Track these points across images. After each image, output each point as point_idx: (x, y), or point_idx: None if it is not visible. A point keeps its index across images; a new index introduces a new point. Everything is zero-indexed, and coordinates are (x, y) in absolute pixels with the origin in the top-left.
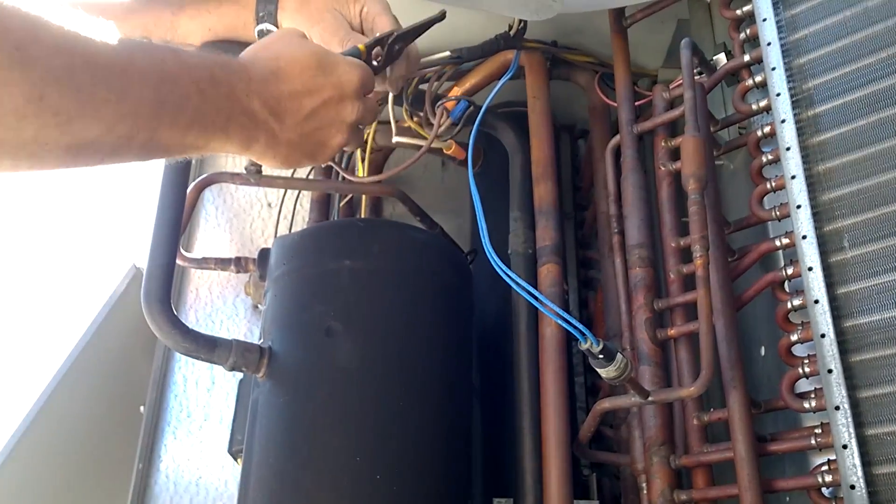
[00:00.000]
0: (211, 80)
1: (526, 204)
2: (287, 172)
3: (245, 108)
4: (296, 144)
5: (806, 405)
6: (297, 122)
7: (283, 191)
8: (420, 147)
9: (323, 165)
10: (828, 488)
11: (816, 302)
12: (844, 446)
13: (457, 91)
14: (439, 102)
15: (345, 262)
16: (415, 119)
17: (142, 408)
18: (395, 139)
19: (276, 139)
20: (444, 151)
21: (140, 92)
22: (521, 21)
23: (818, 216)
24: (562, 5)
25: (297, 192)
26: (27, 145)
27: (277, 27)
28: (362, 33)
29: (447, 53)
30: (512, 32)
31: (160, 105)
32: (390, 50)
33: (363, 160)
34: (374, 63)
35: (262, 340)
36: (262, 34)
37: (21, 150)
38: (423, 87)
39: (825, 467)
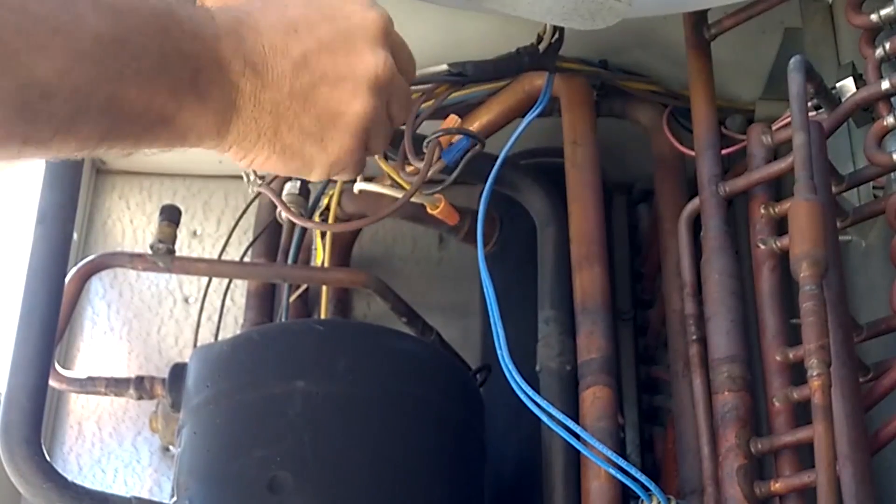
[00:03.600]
0: (170, 13)
1: (562, 299)
2: (210, 252)
3: (216, 56)
4: (285, 111)
5: None
6: (283, 75)
7: (205, 280)
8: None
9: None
10: None
11: None
12: None
13: (453, 121)
14: (428, 138)
15: (297, 384)
16: (391, 163)
17: None
18: (359, 186)
19: (257, 102)
20: (429, 210)
21: (95, 23)
22: (555, 31)
23: None
24: (629, 6)
25: (226, 281)
26: None
27: None
28: None
29: (444, 67)
30: (542, 47)
31: (121, 45)
32: None
33: (323, 234)
34: None
35: (175, 499)
36: None
37: None
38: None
39: None
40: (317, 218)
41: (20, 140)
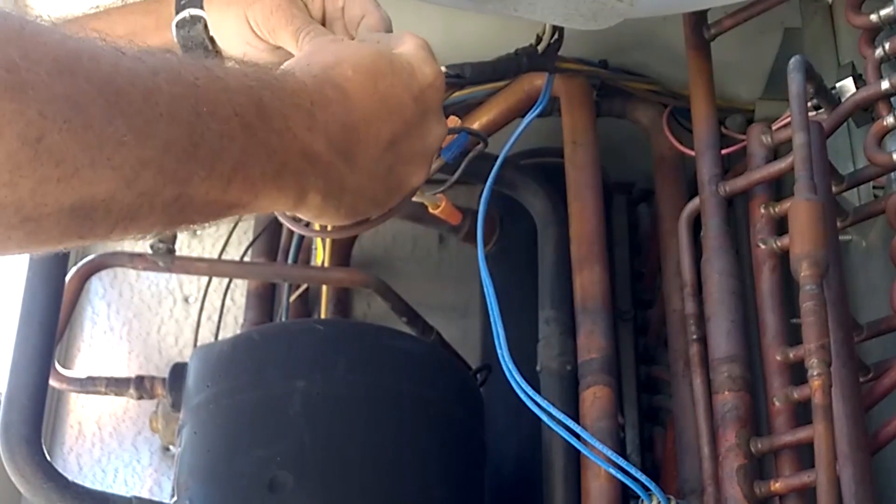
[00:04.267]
0: (259, 109)
1: (562, 299)
2: (210, 252)
3: (305, 148)
4: (365, 190)
5: None
6: (372, 161)
7: (205, 279)
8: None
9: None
10: None
11: None
12: None
13: (453, 122)
14: None
15: (297, 384)
16: None
17: None
18: None
19: (341, 187)
20: (431, 210)
21: (168, 129)
22: (554, 31)
23: None
24: (631, 6)
25: (226, 281)
26: (22, 207)
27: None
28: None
29: (442, 69)
30: (541, 48)
31: (194, 147)
32: None
33: None
34: None
35: (175, 498)
36: (185, 24)
37: (15, 215)
38: None
39: None
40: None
41: (77, 237)
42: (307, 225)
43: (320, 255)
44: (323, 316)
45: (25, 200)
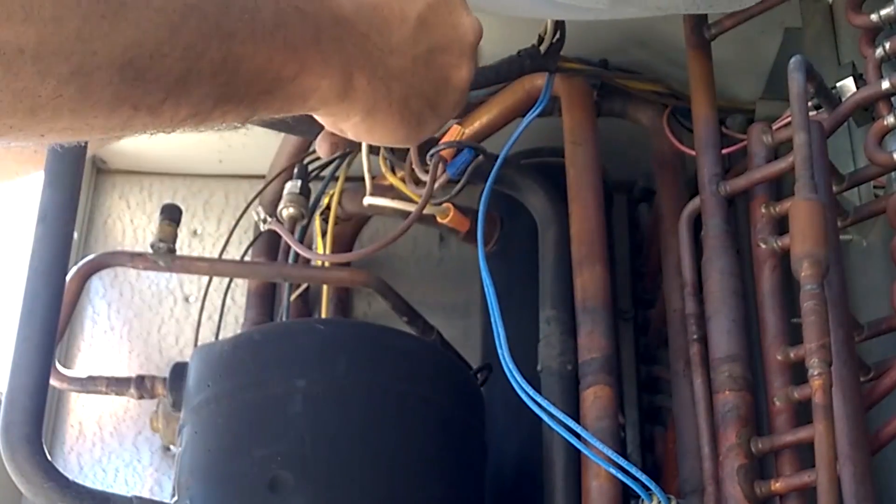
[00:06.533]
0: None
1: (563, 298)
2: (211, 252)
3: (335, 10)
4: (411, 77)
5: None
6: (405, 40)
7: (205, 279)
8: (405, 214)
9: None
10: None
11: None
12: None
13: (457, 132)
14: (432, 150)
15: (298, 384)
16: (397, 173)
17: None
18: (368, 200)
19: (384, 66)
20: (439, 220)
21: None
22: (556, 30)
23: None
24: None
25: (226, 280)
26: (72, 51)
27: None
28: None
29: None
30: (543, 48)
31: (227, 5)
32: None
33: (324, 234)
34: None
35: (176, 498)
36: None
37: (64, 64)
38: None
39: None
40: (317, 217)
41: (130, 105)
42: (327, 208)
43: (320, 250)
44: (323, 315)
45: (73, 43)
